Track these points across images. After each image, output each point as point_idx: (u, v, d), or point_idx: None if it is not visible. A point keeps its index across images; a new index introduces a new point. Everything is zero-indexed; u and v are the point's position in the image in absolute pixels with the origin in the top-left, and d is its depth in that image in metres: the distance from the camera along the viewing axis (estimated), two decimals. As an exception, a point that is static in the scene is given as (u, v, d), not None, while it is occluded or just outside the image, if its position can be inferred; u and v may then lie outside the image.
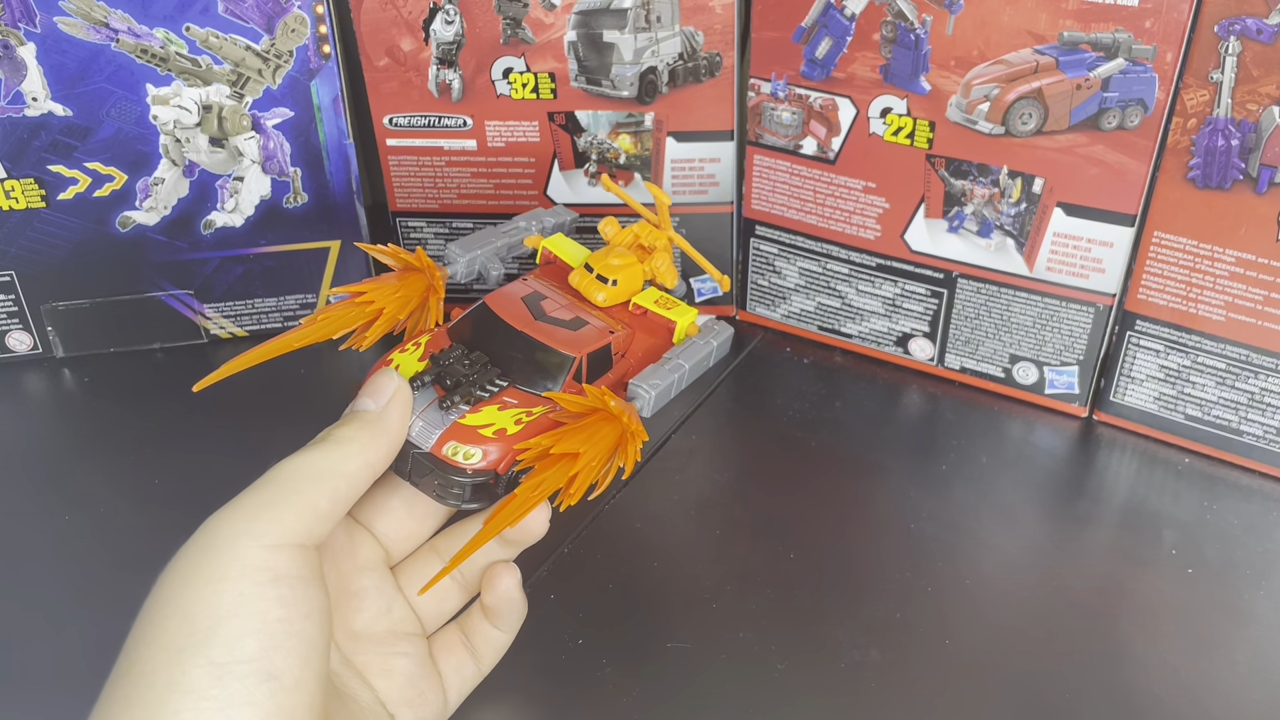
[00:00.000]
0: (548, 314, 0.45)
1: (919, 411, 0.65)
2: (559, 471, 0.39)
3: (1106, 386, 0.62)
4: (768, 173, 0.65)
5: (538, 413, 0.41)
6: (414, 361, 0.43)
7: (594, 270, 0.48)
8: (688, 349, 0.48)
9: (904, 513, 0.57)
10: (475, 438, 0.40)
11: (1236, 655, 0.50)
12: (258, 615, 0.32)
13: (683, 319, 0.49)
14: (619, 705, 0.48)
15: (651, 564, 0.54)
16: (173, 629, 0.32)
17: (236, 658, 0.32)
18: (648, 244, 0.51)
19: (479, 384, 0.42)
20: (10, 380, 0.66)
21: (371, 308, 0.44)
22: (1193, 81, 0.53)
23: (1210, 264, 0.56)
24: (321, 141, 0.63)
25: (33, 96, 0.59)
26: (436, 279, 0.45)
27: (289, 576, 0.34)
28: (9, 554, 0.55)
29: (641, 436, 0.41)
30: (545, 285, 0.48)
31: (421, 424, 0.40)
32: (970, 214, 0.60)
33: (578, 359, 0.43)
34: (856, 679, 0.49)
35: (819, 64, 0.60)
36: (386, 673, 0.41)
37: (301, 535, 0.35)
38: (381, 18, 0.61)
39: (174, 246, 0.65)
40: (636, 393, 0.44)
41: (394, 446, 0.39)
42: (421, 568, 0.44)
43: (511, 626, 0.43)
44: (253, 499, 0.35)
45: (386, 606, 0.42)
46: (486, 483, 0.40)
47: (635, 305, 0.49)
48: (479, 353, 0.43)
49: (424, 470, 0.40)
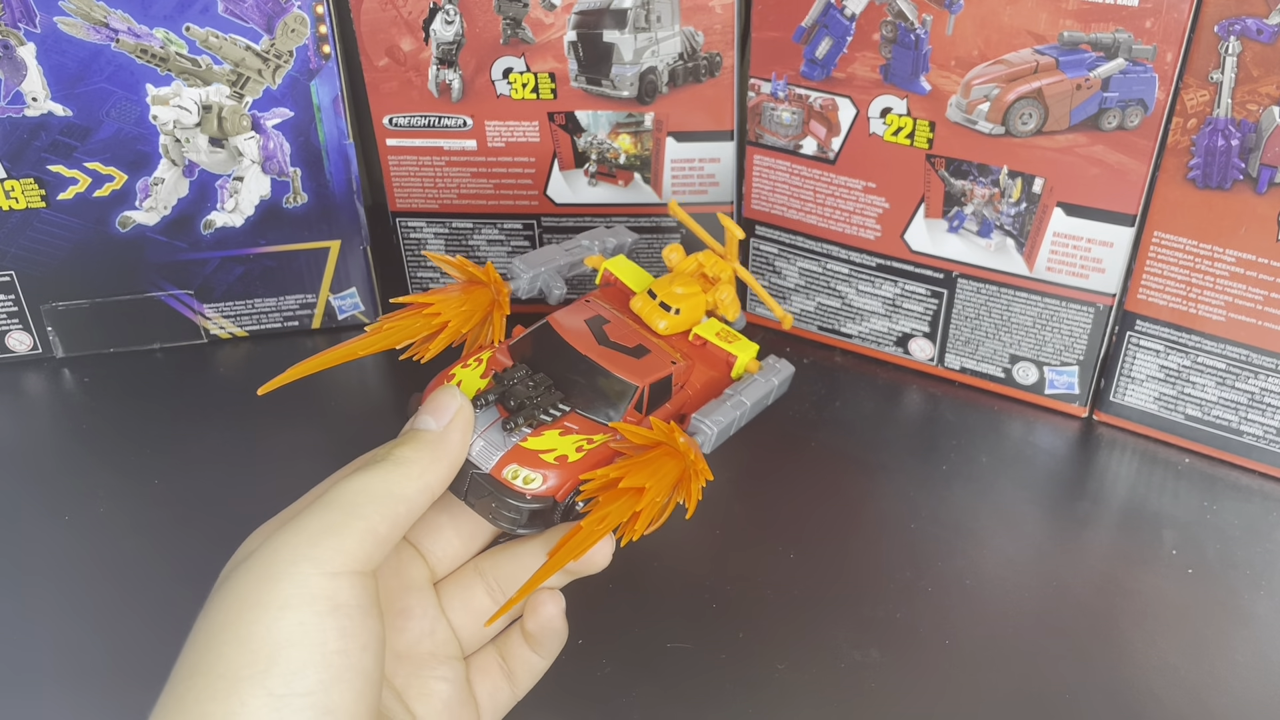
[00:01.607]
0: (611, 339, 0.45)
1: (919, 411, 0.65)
2: (624, 505, 0.38)
3: (1106, 386, 0.62)
4: (768, 173, 0.65)
5: (599, 441, 0.41)
6: (475, 378, 0.42)
7: (657, 297, 0.47)
8: (750, 386, 0.46)
9: (904, 513, 0.57)
10: (536, 462, 0.39)
11: (1237, 655, 0.50)
12: (318, 646, 0.32)
13: (744, 354, 0.48)
14: (619, 705, 0.48)
15: (651, 564, 0.54)
16: (231, 656, 0.31)
17: (295, 690, 0.31)
18: (712, 274, 0.50)
19: (542, 407, 0.41)
20: (10, 380, 0.66)
21: (437, 320, 0.43)
22: (1193, 81, 0.53)
23: (1210, 264, 0.56)
24: (321, 141, 0.63)
25: (33, 96, 0.59)
26: (503, 294, 0.45)
27: (349, 605, 0.33)
28: (9, 554, 0.55)
29: (705, 475, 0.41)
30: (607, 308, 0.47)
31: (482, 444, 0.40)
32: (970, 214, 0.60)
33: (640, 388, 0.43)
34: (856, 679, 0.49)
35: (819, 64, 0.60)
36: (426, 697, 0.40)
37: (362, 562, 0.34)
38: (381, 18, 0.61)
39: (174, 246, 0.65)
40: (699, 428, 0.43)
41: (453, 468, 0.38)
42: (463, 589, 0.43)
43: (551, 653, 0.42)
44: (313, 522, 0.34)
45: (430, 628, 0.41)
46: (544, 509, 0.39)
47: (696, 336, 0.48)
48: (542, 374, 0.42)
49: (482, 492, 0.39)
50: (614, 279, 0.50)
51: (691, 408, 0.45)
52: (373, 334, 0.42)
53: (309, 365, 0.41)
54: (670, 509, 0.40)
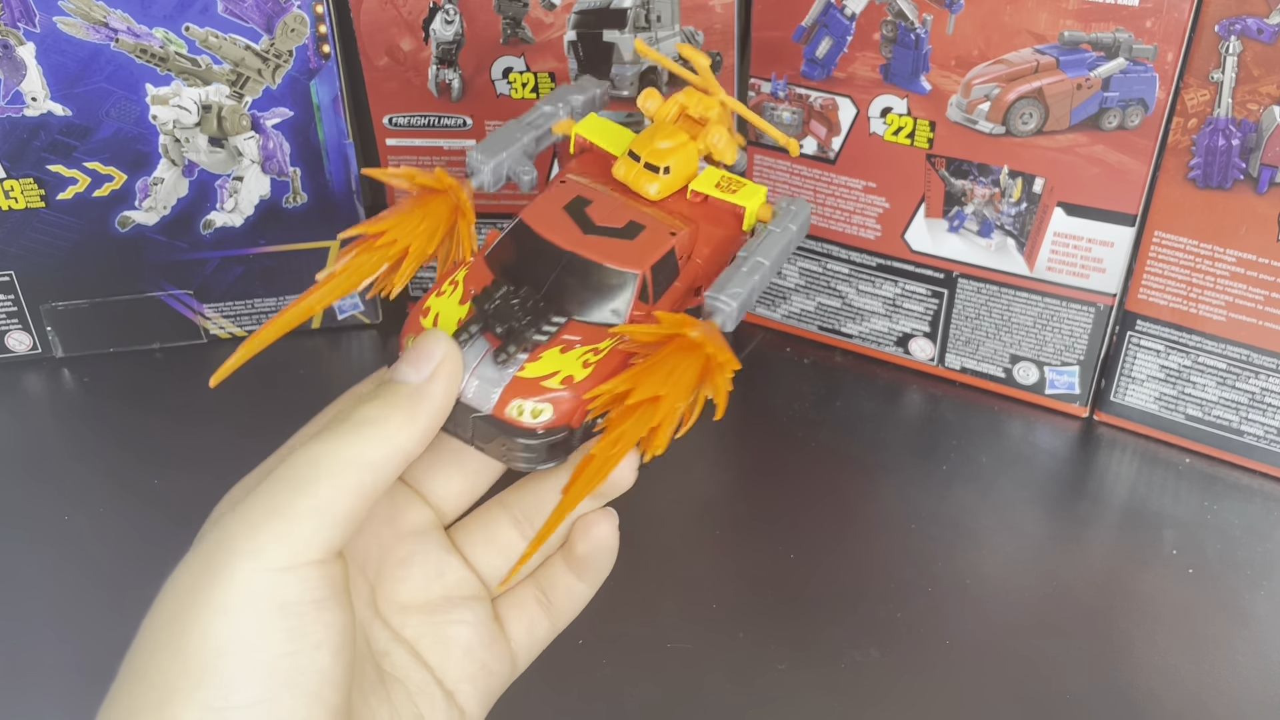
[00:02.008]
0: (597, 223, 0.39)
1: (919, 412, 0.65)
2: (640, 419, 0.34)
3: (1107, 387, 0.62)
4: (768, 172, 0.65)
5: (606, 348, 0.36)
6: (454, 305, 0.37)
7: (640, 158, 0.41)
8: (765, 241, 0.40)
9: (904, 513, 0.57)
10: (541, 390, 0.35)
11: (1237, 655, 0.50)
12: (260, 651, 0.29)
13: (752, 202, 0.41)
14: (619, 705, 0.48)
15: (652, 563, 0.54)
16: (163, 665, 0.29)
17: (233, 703, 0.28)
18: (698, 115, 0.43)
19: (534, 325, 0.36)
20: (10, 380, 0.66)
21: (395, 247, 0.37)
22: (1193, 81, 0.53)
23: (1211, 264, 0.56)
24: (321, 141, 0.63)
25: (32, 96, 0.59)
26: (463, 200, 0.39)
27: (299, 603, 0.29)
28: (9, 554, 0.55)
29: (731, 365, 0.35)
30: (588, 184, 0.41)
31: (477, 382, 0.35)
32: (971, 214, 0.60)
33: (641, 275, 0.37)
34: (856, 679, 0.49)
35: (819, 63, 0.60)
36: (443, 645, 0.36)
37: (317, 550, 0.30)
38: (381, 17, 0.61)
39: (173, 246, 0.65)
40: (715, 306, 0.38)
41: (434, 425, 0.33)
42: (487, 526, 0.38)
43: (598, 578, 0.38)
44: (257, 506, 0.30)
45: (437, 570, 0.37)
46: (561, 440, 0.35)
47: (694, 192, 0.42)
48: (528, 287, 0.37)
49: (489, 435, 0.35)
50: (589, 144, 0.44)
51: (706, 278, 0.40)
52: (325, 281, 0.37)
53: (260, 338, 0.36)
54: (699, 408, 0.35)
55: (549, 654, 0.50)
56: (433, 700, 0.35)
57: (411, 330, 0.37)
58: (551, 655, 0.50)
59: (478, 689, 0.37)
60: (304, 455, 0.31)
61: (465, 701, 0.36)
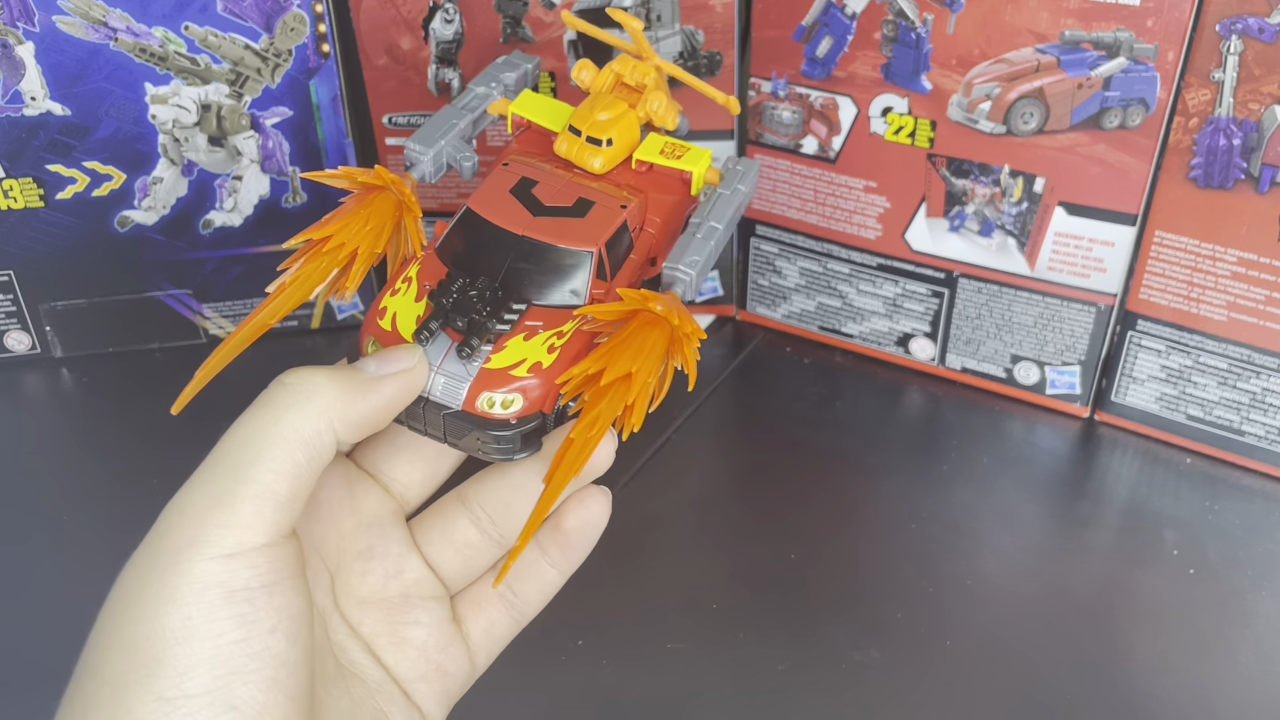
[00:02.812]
0: (546, 204, 0.38)
1: (920, 412, 0.65)
2: (614, 399, 0.34)
3: (1108, 386, 0.62)
4: (768, 172, 0.65)
5: (569, 330, 0.36)
6: (411, 303, 0.36)
7: (581, 132, 0.41)
8: (716, 205, 0.40)
9: (905, 513, 0.57)
10: (509, 380, 0.34)
11: (1238, 655, 0.50)
12: (210, 640, 0.28)
13: (698, 166, 0.41)
14: (619, 705, 0.48)
15: (652, 564, 0.54)
16: (115, 660, 0.29)
17: (186, 691, 0.28)
18: (634, 82, 0.42)
19: (495, 315, 0.35)
20: (9, 380, 0.66)
21: (343, 250, 0.37)
22: (1194, 81, 0.52)
23: (1212, 264, 0.56)
24: (320, 140, 0.63)
25: (31, 96, 0.59)
26: (406, 195, 0.38)
27: (248, 589, 0.29)
28: (8, 554, 0.55)
29: (698, 335, 0.35)
30: (531, 164, 0.40)
31: (444, 379, 0.34)
32: (971, 213, 0.60)
33: (596, 252, 0.37)
34: (857, 679, 0.49)
35: (820, 63, 0.60)
36: (399, 645, 0.36)
37: (262, 533, 0.30)
38: (381, 16, 0.61)
39: (173, 246, 0.65)
40: (675, 277, 0.38)
41: (369, 418, 0.32)
42: (444, 522, 0.38)
43: (573, 564, 0.38)
44: (197, 495, 0.30)
45: (397, 568, 0.36)
46: (535, 428, 0.35)
47: (639, 161, 0.41)
48: (484, 277, 0.36)
49: (461, 431, 0.34)
50: (527, 122, 0.43)
51: (660, 246, 0.40)
52: (276, 295, 0.37)
53: (219, 360, 0.35)
54: (669, 380, 0.35)
55: (549, 654, 0.50)
56: (390, 698, 0.35)
57: (371, 332, 0.36)
58: (551, 655, 0.50)
59: (434, 689, 0.36)
60: (237, 434, 0.30)
61: (422, 701, 0.36)
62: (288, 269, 0.37)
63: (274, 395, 0.31)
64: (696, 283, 0.38)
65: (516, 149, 0.42)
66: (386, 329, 0.36)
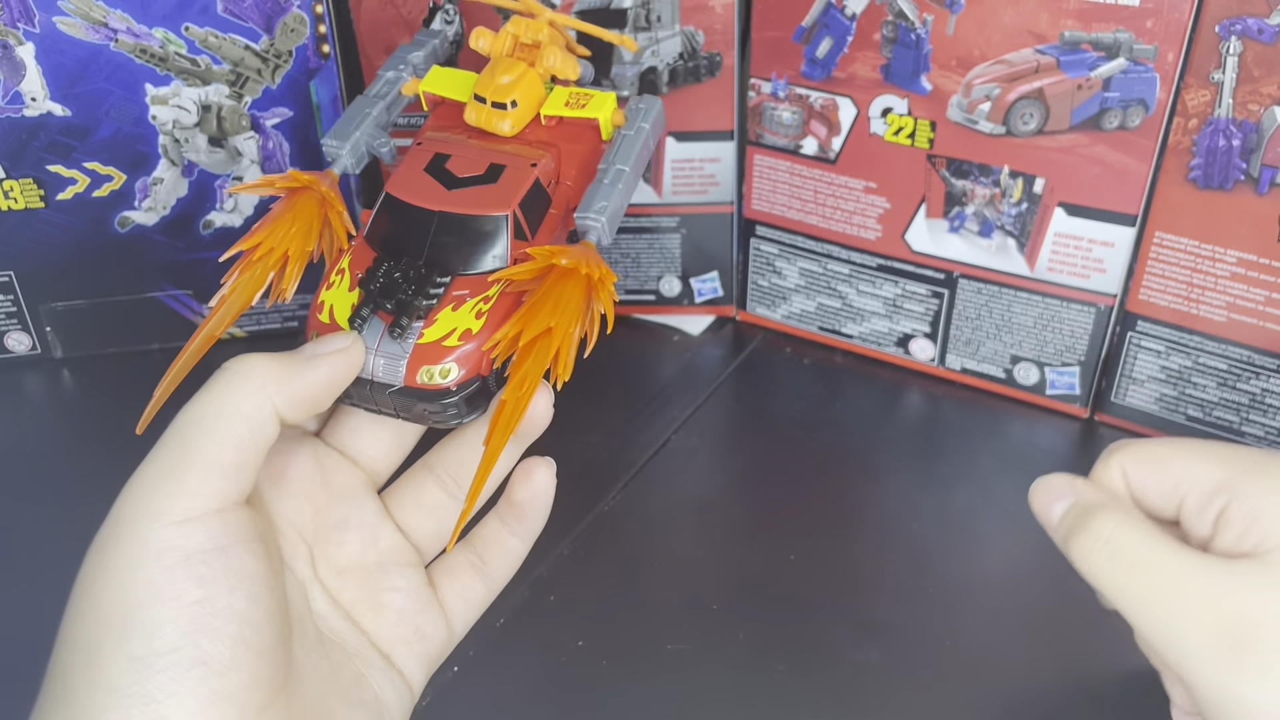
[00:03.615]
0: (459, 175, 0.40)
1: (920, 412, 0.65)
2: (539, 355, 0.36)
3: (1108, 387, 0.62)
4: (768, 173, 0.65)
5: (494, 294, 0.37)
6: (345, 294, 0.38)
7: (486, 99, 0.42)
8: (621, 147, 0.42)
9: (905, 514, 0.57)
10: (443, 352, 0.36)
11: (1238, 656, 0.50)
12: (173, 601, 0.30)
13: (603, 111, 0.42)
14: (619, 705, 0.48)
15: (651, 564, 0.54)
16: (87, 628, 0.31)
17: (155, 650, 0.30)
18: (529, 40, 0.44)
19: (421, 292, 0.37)
20: (9, 381, 0.66)
21: (274, 255, 0.39)
22: (1194, 81, 0.53)
23: (1211, 264, 0.56)
24: (320, 141, 0.63)
25: (31, 96, 0.59)
26: (324, 191, 0.40)
27: (204, 551, 0.31)
28: (8, 554, 0.55)
29: (609, 279, 0.37)
30: (444, 139, 0.42)
31: (383, 360, 0.37)
32: (971, 214, 0.60)
33: (510, 215, 0.39)
34: (857, 680, 0.49)
35: (819, 64, 0.60)
36: (378, 611, 0.38)
37: (213, 501, 0.32)
38: (381, 17, 0.61)
39: (173, 247, 0.65)
40: (587, 225, 0.40)
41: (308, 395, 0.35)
42: (413, 488, 0.40)
43: (532, 532, 0.40)
44: (151, 470, 0.32)
45: (373, 536, 0.38)
46: (476, 390, 0.37)
47: (547, 118, 0.43)
48: (408, 257, 0.38)
49: (408, 405, 0.37)
50: (439, 98, 0.44)
51: (579, 196, 0.41)
52: (219, 306, 0.38)
53: (174, 377, 0.38)
54: (596, 326, 0.37)
55: (549, 654, 0.50)
56: (370, 661, 0.37)
57: (313, 327, 0.38)
58: (551, 655, 0.50)
59: (414, 653, 0.38)
60: (185, 414, 0.33)
61: (403, 664, 0.38)
62: (227, 281, 0.39)
63: (217, 379, 0.34)
64: (609, 227, 0.40)
65: (433, 124, 0.44)
66: (325, 321, 0.38)
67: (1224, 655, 0.34)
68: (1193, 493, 0.38)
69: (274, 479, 0.37)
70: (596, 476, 0.59)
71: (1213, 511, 0.37)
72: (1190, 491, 0.38)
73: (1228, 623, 0.35)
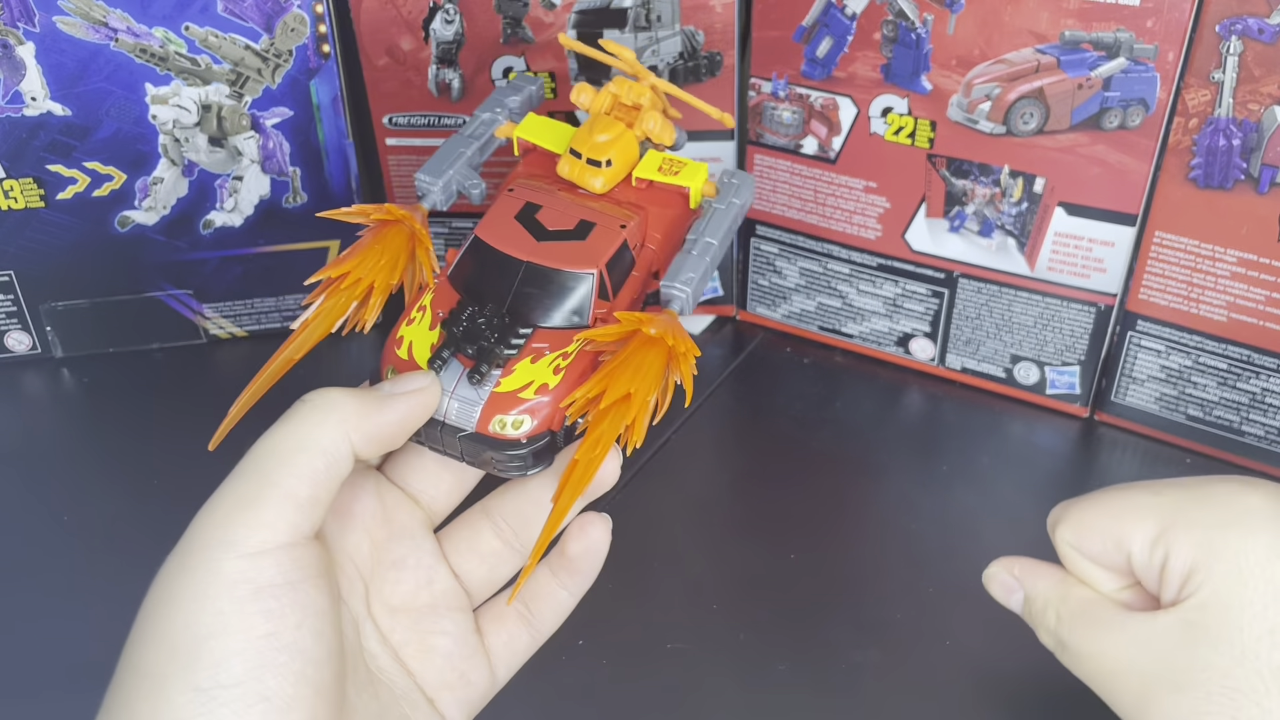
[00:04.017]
0: (549, 228, 0.40)
1: (920, 412, 0.65)
2: (615, 418, 0.36)
3: (1108, 387, 0.62)
4: (768, 172, 0.65)
5: (574, 351, 0.38)
6: (425, 331, 0.39)
7: (582, 155, 0.42)
8: (712, 220, 0.42)
9: (905, 513, 0.57)
10: (518, 403, 0.37)
11: (1238, 656, 0.50)
12: (241, 634, 0.30)
13: (695, 181, 0.43)
14: (619, 705, 0.48)
15: (651, 564, 0.54)
16: (154, 656, 0.31)
17: (221, 682, 0.30)
18: (631, 101, 0.44)
19: (503, 341, 0.38)
20: (9, 380, 0.66)
21: (360, 285, 0.39)
22: (1194, 81, 0.52)
23: (1211, 264, 0.56)
24: (321, 141, 0.63)
25: (31, 96, 0.59)
26: (416, 227, 0.40)
27: (274, 585, 0.31)
28: (8, 554, 0.55)
29: (693, 353, 0.37)
30: (535, 188, 0.42)
31: (458, 404, 0.37)
32: (971, 214, 0.60)
33: (597, 274, 0.39)
34: (857, 679, 0.49)
35: (820, 63, 0.60)
36: (425, 654, 0.38)
37: (286, 534, 0.32)
38: (381, 17, 0.61)
39: (173, 246, 0.65)
40: (671, 295, 0.40)
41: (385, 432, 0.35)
42: (470, 532, 0.40)
43: (582, 587, 0.40)
44: (226, 499, 0.32)
45: (428, 578, 0.39)
46: (545, 445, 0.37)
47: (638, 179, 0.43)
48: (492, 304, 0.38)
49: (476, 451, 0.37)
50: (531, 146, 0.45)
51: (662, 261, 0.41)
52: (301, 330, 0.39)
53: (251, 395, 0.38)
54: (670, 395, 0.37)
55: (549, 654, 0.50)
56: (416, 705, 0.37)
57: (389, 361, 0.39)
58: (551, 655, 0.50)
59: (457, 698, 0.38)
60: (260, 447, 0.33)
61: (446, 708, 0.38)
62: (310, 305, 0.40)
63: (297, 411, 0.34)
64: (693, 298, 0.40)
65: (523, 171, 0.44)
66: (403, 357, 0.38)
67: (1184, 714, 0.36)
68: (1134, 551, 0.39)
69: (338, 513, 0.37)
70: (596, 476, 0.59)
71: (1155, 566, 0.38)
72: (1131, 550, 0.39)
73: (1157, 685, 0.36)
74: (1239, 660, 0.35)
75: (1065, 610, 0.40)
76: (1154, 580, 0.39)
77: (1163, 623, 0.37)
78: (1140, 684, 0.37)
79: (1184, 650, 0.36)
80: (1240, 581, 0.36)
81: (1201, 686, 0.35)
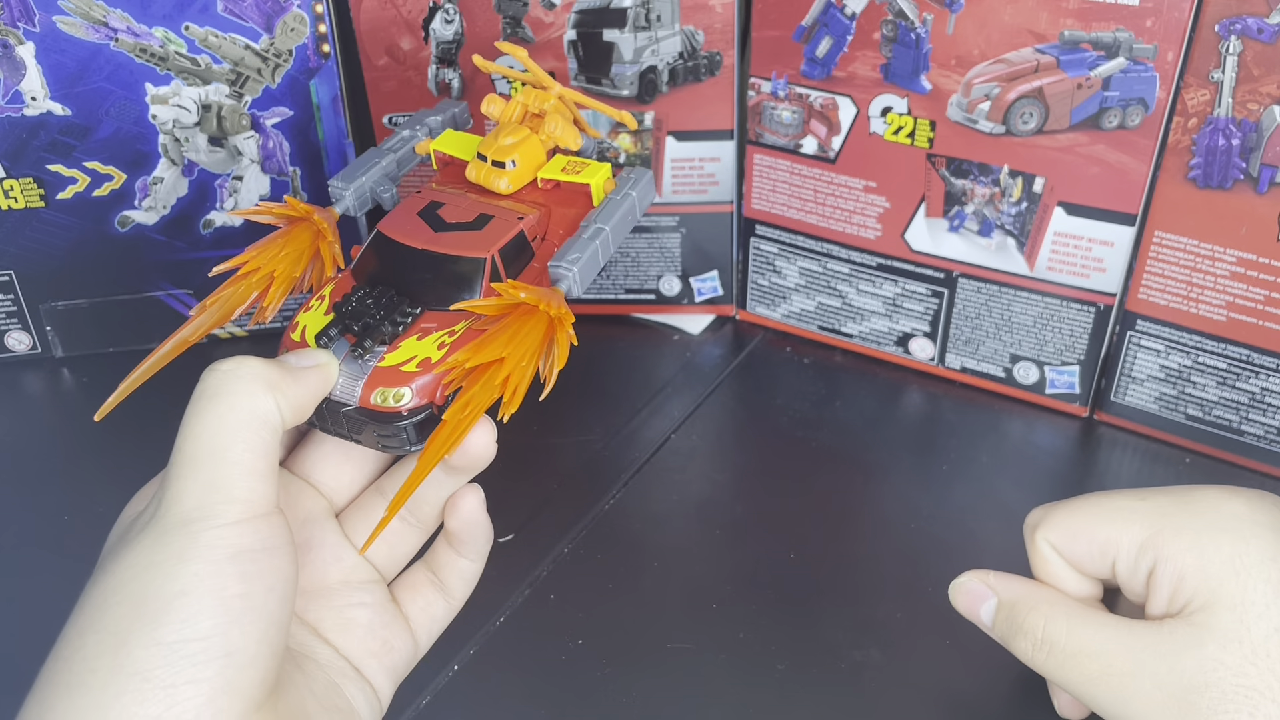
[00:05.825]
0: (448, 221, 0.42)
1: (919, 411, 0.65)
2: (487, 383, 0.36)
3: (1107, 386, 0.62)
4: (768, 172, 0.65)
5: (460, 329, 0.39)
6: (320, 317, 0.40)
7: (488, 158, 0.44)
8: (605, 209, 0.44)
9: (904, 513, 0.57)
10: (399, 377, 0.37)
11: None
12: (214, 592, 0.31)
13: (595, 178, 0.45)
14: (619, 705, 0.48)
15: (651, 564, 0.54)
16: (121, 614, 0.31)
17: (187, 636, 0.30)
18: (536, 109, 0.46)
19: (389, 319, 0.38)
20: (9, 380, 0.66)
21: (260, 274, 0.40)
22: (1193, 81, 0.53)
23: (1211, 264, 0.56)
24: (321, 141, 0.63)
25: (31, 96, 0.59)
26: (319, 224, 0.42)
27: (253, 550, 0.32)
28: (9, 554, 0.55)
29: (568, 319, 0.38)
30: (444, 191, 0.44)
31: (342, 380, 0.38)
32: (971, 213, 0.60)
33: (488, 259, 0.40)
34: (857, 679, 0.49)
35: (819, 63, 0.60)
36: (344, 626, 0.39)
37: (259, 506, 0.33)
38: (381, 17, 0.61)
39: (173, 246, 0.65)
40: (559, 274, 0.41)
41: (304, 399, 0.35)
42: (366, 513, 0.41)
43: (479, 553, 0.41)
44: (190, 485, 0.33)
45: (335, 556, 0.40)
46: (426, 419, 0.38)
47: (544, 180, 0.45)
48: (382, 286, 0.40)
49: (360, 426, 0.38)
50: (448, 158, 0.47)
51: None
52: (199, 315, 0.40)
53: (141, 374, 0.39)
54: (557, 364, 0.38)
55: (548, 653, 0.50)
56: (342, 672, 0.38)
57: (285, 345, 0.39)
58: (551, 655, 0.50)
59: (383, 665, 0.39)
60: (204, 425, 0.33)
61: (372, 675, 0.39)
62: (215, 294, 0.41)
63: (220, 383, 0.34)
64: (580, 278, 0.41)
65: (440, 180, 0.46)
66: (295, 340, 0.39)
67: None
68: (1120, 556, 0.39)
69: None
70: (596, 476, 0.59)
71: (1142, 573, 0.39)
72: (1117, 555, 0.39)
73: (1170, 690, 0.36)
74: (1249, 658, 0.36)
75: (1056, 611, 0.40)
76: (1139, 586, 0.39)
77: (1169, 627, 0.37)
78: (1153, 687, 0.37)
79: (1193, 651, 0.36)
80: (1239, 584, 0.37)
81: (1216, 686, 0.36)
